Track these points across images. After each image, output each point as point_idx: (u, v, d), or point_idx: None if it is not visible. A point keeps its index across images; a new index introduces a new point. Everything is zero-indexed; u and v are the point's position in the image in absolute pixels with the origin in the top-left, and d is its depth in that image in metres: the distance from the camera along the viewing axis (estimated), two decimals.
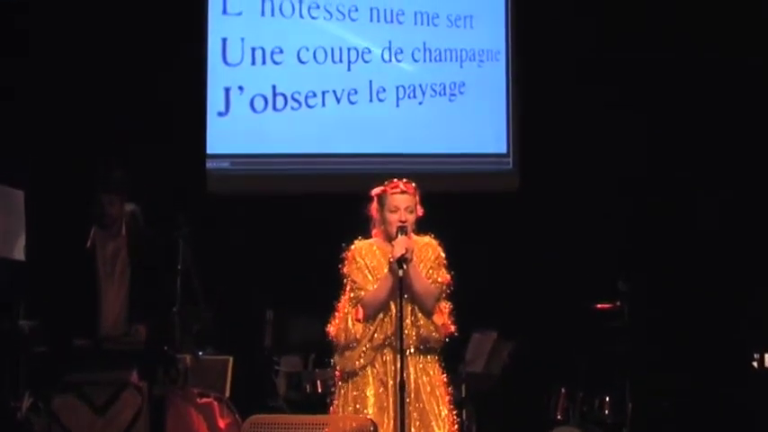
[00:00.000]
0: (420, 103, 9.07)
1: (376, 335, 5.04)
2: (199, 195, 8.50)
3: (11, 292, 6.61)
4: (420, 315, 5.03)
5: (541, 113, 8.94)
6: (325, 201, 8.25)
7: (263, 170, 8.88)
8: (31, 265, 6.63)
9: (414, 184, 5.14)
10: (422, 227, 5.18)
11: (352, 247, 5.16)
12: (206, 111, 8.77)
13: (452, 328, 5.12)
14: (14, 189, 6.64)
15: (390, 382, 5.01)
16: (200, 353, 6.98)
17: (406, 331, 4.99)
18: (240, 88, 8.87)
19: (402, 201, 5.06)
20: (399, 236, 4.98)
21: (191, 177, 8.53)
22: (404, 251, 4.93)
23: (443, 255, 5.15)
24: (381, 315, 5.05)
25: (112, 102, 8.41)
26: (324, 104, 8.95)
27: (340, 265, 5.15)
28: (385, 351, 5.06)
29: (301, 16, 8.99)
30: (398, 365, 4.93)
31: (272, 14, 8.96)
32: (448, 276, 5.13)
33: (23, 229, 6.56)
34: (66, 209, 7.50)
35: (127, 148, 8.14)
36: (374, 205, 5.16)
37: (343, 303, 5.13)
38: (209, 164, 8.74)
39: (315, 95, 8.95)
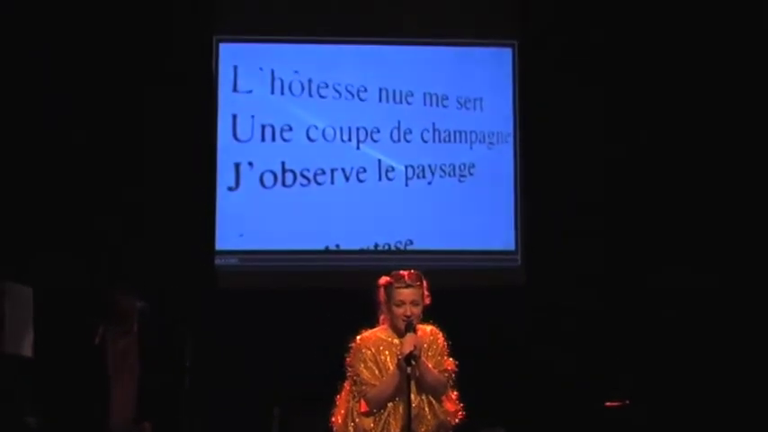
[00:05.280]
0: (429, 183, 9.11)
1: (392, 422, 5.03)
2: (207, 291, 8.50)
3: (18, 388, 6.60)
4: (434, 401, 5.07)
5: (549, 208, 8.90)
6: (334, 296, 8.23)
7: (272, 266, 8.83)
8: (39, 362, 6.62)
9: (420, 274, 5.17)
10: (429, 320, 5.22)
11: (358, 338, 5.18)
12: (216, 191, 8.84)
13: (461, 413, 5.16)
14: (23, 286, 6.67)
15: None
16: None
17: (424, 413, 5.03)
18: (250, 164, 8.97)
19: (407, 295, 5.09)
20: (408, 333, 5.00)
21: (199, 273, 8.54)
22: (412, 348, 4.96)
23: (445, 341, 5.20)
24: (393, 402, 5.04)
25: (120, 196, 8.48)
26: (333, 182, 9.01)
27: (345, 355, 5.15)
28: None
29: (310, 95, 9.09)
30: None
31: (282, 93, 9.05)
32: (453, 363, 5.17)
33: (31, 326, 6.58)
34: (74, 305, 7.50)
35: (134, 241, 8.19)
36: (381, 293, 5.19)
37: (345, 396, 5.15)
38: (218, 260, 8.71)
39: (324, 173, 9.02)
